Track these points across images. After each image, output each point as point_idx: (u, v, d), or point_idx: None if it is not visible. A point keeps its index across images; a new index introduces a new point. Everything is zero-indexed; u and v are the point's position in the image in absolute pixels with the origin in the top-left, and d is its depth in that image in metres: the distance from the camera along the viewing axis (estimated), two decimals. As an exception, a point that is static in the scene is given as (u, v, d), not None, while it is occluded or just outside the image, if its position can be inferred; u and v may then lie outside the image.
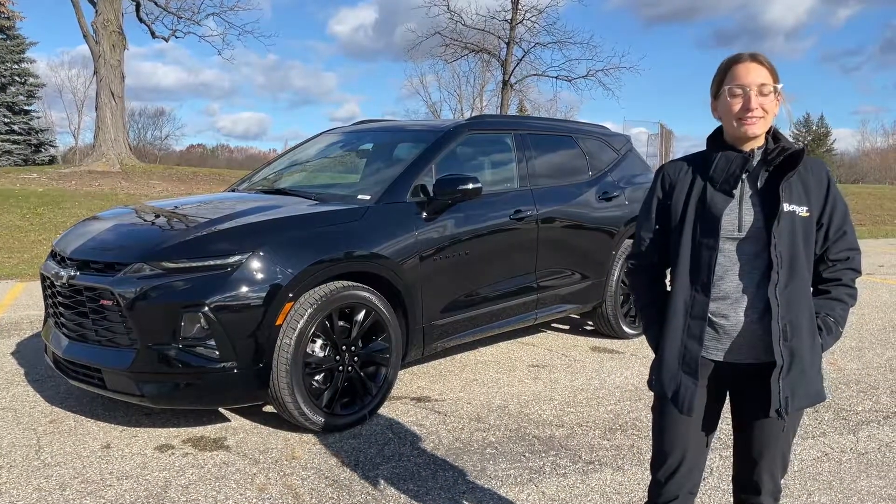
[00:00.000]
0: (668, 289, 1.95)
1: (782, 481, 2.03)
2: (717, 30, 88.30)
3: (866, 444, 3.57)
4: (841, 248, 1.88)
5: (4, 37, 29.89)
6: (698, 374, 1.83)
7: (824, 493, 3.03)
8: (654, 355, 1.98)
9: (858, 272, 1.91)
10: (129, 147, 20.92)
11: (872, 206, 21.65)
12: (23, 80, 30.86)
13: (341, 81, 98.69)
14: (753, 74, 1.78)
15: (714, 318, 1.84)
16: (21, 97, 30.57)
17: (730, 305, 1.83)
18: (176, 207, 4.43)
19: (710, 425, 1.97)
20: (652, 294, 2.02)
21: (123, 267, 3.41)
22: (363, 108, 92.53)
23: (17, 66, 30.41)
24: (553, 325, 6.04)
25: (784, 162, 1.80)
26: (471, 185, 4.12)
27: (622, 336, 5.59)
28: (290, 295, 3.44)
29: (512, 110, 34.46)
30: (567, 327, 6.03)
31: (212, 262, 3.37)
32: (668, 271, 2.02)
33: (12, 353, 4.95)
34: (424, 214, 4.12)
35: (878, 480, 3.16)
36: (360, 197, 4.16)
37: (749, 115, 1.78)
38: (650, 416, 2.06)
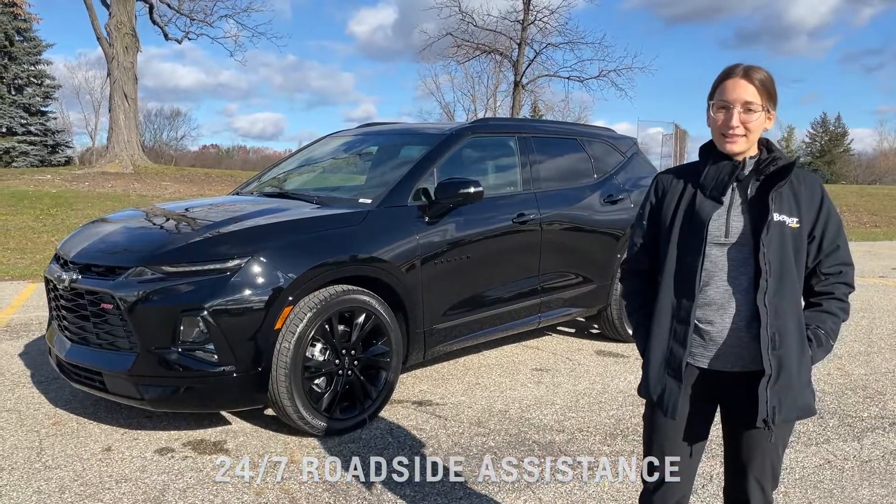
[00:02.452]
0: None
1: (781, 489, 2.01)
2: (738, 29, 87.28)
3: (870, 452, 3.52)
4: (833, 262, 1.87)
5: (21, 38, 30.19)
6: (682, 378, 1.84)
7: (825, 501, 2.99)
8: None
9: (851, 287, 1.90)
10: (141, 148, 21.12)
11: (889, 206, 21.41)
12: (39, 82, 31.16)
13: (358, 82, 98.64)
14: (740, 91, 1.79)
15: (700, 325, 1.85)
16: (37, 98, 30.87)
17: (715, 311, 1.83)
18: (186, 210, 4.45)
19: (699, 434, 1.96)
20: (642, 298, 2.03)
21: (124, 270, 3.44)
22: (379, 108, 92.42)
23: (33, 68, 30.71)
24: (558, 328, 6.02)
25: (775, 172, 1.82)
26: (472, 189, 4.11)
27: (627, 340, 5.56)
28: (290, 299, 3.45)
29: (525, 111, 34.42)
30: (572, 331, 6.01)
31: (211, 266, 3.39)
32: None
33: (20, 355, 5.00)
34: (426, 218, 4.12)
35: (881, 489, 3.12)
36: (361, 200, 4.17)
37: (730, 131, 1.80)
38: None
